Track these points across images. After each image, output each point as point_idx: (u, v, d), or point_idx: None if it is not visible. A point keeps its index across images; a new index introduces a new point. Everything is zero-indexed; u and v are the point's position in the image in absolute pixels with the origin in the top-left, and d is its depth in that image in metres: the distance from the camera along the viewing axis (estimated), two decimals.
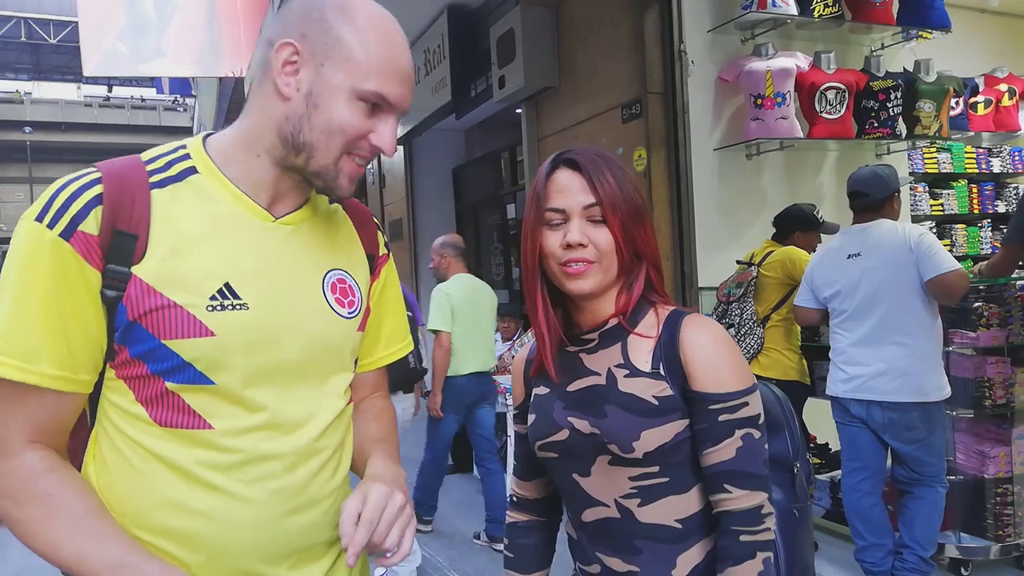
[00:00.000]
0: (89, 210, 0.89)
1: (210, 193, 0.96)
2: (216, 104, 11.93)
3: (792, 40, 4.31)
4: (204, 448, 0.93)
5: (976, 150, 5.39)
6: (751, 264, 3.61)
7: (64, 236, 0.87)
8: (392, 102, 0.96)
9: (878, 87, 4.24)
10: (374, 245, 1.15)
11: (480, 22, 6.02)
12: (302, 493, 0.98)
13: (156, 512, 0.92)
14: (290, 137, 0.95)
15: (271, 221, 0.99)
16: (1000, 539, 3.10)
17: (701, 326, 1.10)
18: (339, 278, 1.06)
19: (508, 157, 7.14)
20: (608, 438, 1.07)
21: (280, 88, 0.94)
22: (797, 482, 1.21)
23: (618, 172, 1.11)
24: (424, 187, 8.19)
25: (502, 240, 7.64)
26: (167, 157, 0.98)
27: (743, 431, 1.06)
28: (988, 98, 5.09)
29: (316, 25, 0.94)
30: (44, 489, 0.88)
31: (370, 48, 0.94)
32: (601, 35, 4.55)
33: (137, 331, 0.90)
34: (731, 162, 4.24)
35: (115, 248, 0.89)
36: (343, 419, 1.07)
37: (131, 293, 0.89)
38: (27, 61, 33.94)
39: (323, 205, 1.10)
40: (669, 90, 4.12)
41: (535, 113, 5.38)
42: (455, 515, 4.43)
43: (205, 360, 0.91)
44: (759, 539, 1.06)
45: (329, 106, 0.93)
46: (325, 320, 1.02)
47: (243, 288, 0.94)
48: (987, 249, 5.26)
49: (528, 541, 1.30)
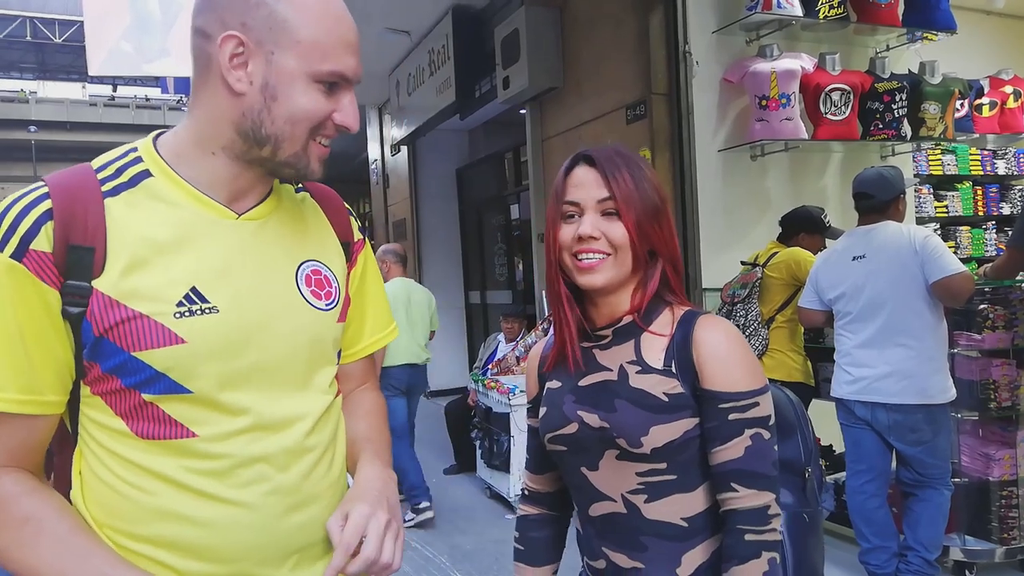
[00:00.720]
0: (39, 227, 0.85)
1: (167, 196, 0.92)
2: None
3: (797, 41, 4.31)
4: (190, 457, 0.90)
5: (981, 152, 5.38)
6: (755, 265, 3.60)
7: (16, 257, 0.84)
8: (349, 77, 0.94)
9: (883, 88, 4.23)
10: (347, 232, 1.11)
11: (485, 23, 6.02)
12: (298, 491, 0.96)
13: (150, 523, 0.90)
14: (251, 132, 0.92)
15: (234, 218, 0.96)
16: (1005, 542, 3.09)
17: (715, 326, 1.11)
18: (313, 269, 1.03)
19: (512, 158, 7.15)
20: (617, 432, 1.08)
21: (231, 84, 0.90)
22: (808, 487, 1.21)
23: (636, 170, 1.12)
24: (428, 187, 8.20)
25: (505, 241, 7.64)
26: (118, 163, 0.94)
27: (752, 431, 1.07)
28: (993, 100, 5.08)
29: (255, 10, 0.89)
30: (22, 512, 0.86)
31: (316, 26, 0.90)
32: (605, 36, 4.55)
33: (105, 345, 0.87)
34: (735, 163, 4.24)
35: (72, 264, 0.86)
36: (332, 414, 1.05)
37: (94, 308, 0.86)
38: (32, 60, 34.02)
39: (288, 195, 1.06)
40: (673, 91, 4.12)
41: (539, 114, 5.39)
42: (458, 515, 4.43)
43: (178, 369, 0.89)
44: (765, 539, 1.06)
45: (288, 95, 0.90)
46: (302, 315, 0.99)
47: (211, 291, 0.91)
48: (991, 251, 5.25)
49: (539, 534, 1.31)
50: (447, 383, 7.61)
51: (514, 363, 5.01)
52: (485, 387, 4.69)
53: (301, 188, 1.09)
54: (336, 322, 1.05)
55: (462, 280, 8.49)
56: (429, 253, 8.24)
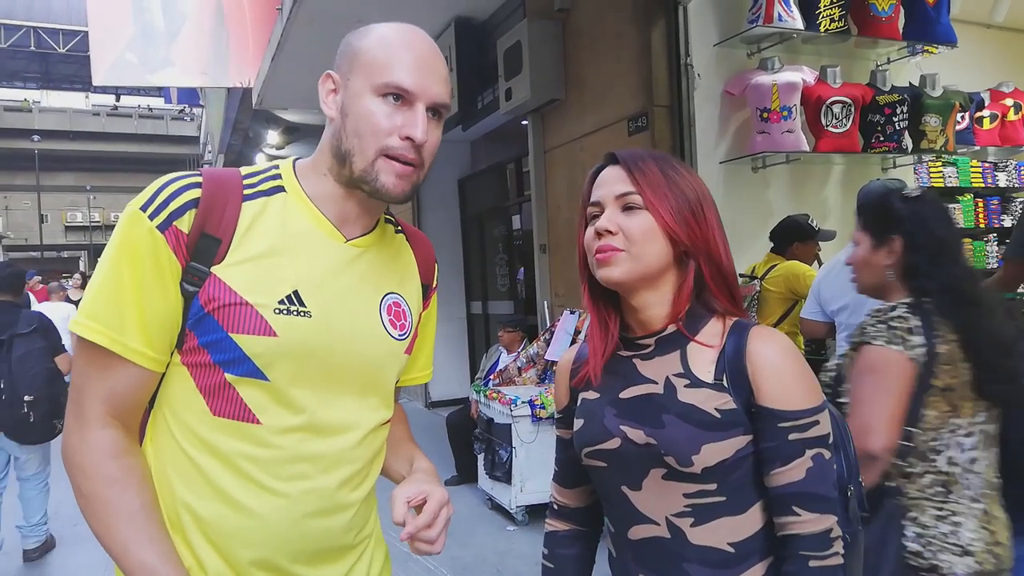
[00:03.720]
0: (186, 210, 0.98)
1: (292, 210, 1.05)
2: (223, 114, 11.99)
3: (798, 54, 4.33)
4: (250, 442, 1.00)
5: (982, 164, 5.39)
6: (754, 277, 3.61)
7: (161, 228, 0.96)
8: (410, 88, 1.00)
9: (884, 101, 4.25)
10: (430, 277, 1.24)
11: (487, 35, 6.05)
12: (331, 497, 1.04)
13: (196, 495, 1.00)
14: (338, 151, 1.04)
15: (343, 242, 1.08)
16: None
17: (771, 338, 1.05)
18: (395, 301, 1.14)
19: (514, 169, 7.16)
20: (665, 449, 1.02)
21: (327, 112, 1.05)
22: (851, 505, 1.13)
23: (667, 165, 1.08)
24: (430, 198, 8.22)
25: (507, 251, 7.65)
26: (262, 175, 1.08)
27: (814, 451, 1.02)
28: (994, 112, 5.10)
29: (344, 50, 1.05)
30: (112, 472, 0.97)
31: (381, 48, 1.02)
32: (607, 48, 4.57)
33: (208, 322, 0.98)
34: (737, 175, 4.25)
35: (200, 249, 0.98)
36: (379, 433, 1.14)
37: (208, 289, 0.98)
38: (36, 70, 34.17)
39: (390, 234, 1.18)
40: (675, 103, 4.13)
41: (541, 125, 5.40)
42: (459, 527, 4.41)
43: (264, 357, 0.99)
44: (828, 564, 1.00)
45: (356, 111, 1.01)
46: (378, 339, 1.10)
47: (309, 298, 1.02)
48: (993, 263, 5.25)
49: (569, 552, 1.24)
50: (448, 394, 7.60)
51: (516, 374, 5.01)
52: (487, 398, 4.69)
53: (400, 231, 1.22)
54: (404, 352, 1.15)
55: (464, 290, 8.49)
56: None
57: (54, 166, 33.42)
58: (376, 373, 1.11)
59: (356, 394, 1.08)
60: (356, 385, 1.08)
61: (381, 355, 1.11)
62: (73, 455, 0.98)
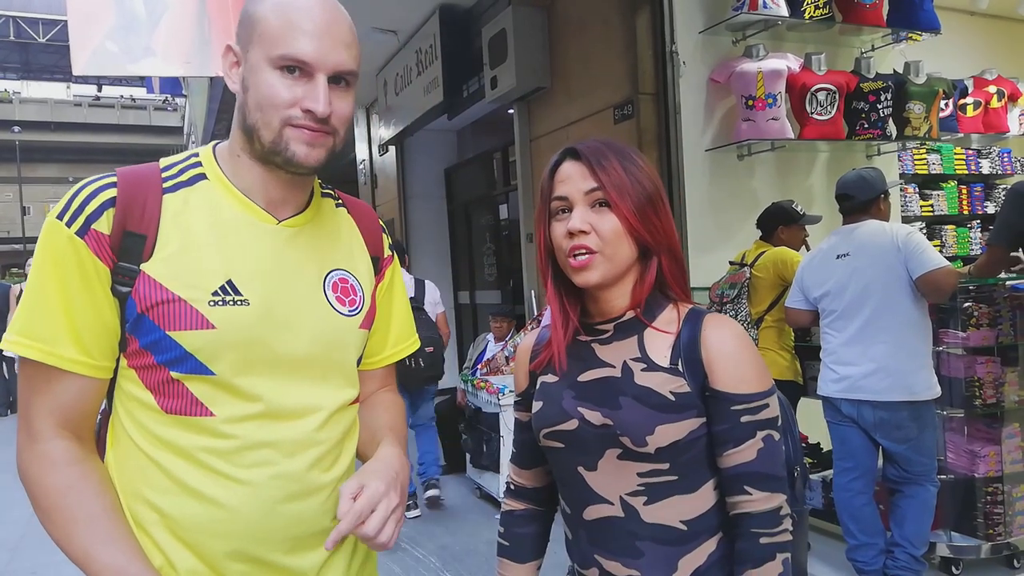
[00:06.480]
0: (102, 211, 0.95)
1: (216, 197, 1.02)
2: (207, 104, 11.87)
3: (783, 42, 4.33)
4: (206, 435, 0.98)
5: (966, 151, 5.43)
6: (743, 265, 3.62)
7: (79, 234, 0.94)
8: (308, 60, 0.96)
9: (868, 88, 4.27)
10: (378, 247, 1.20)
11: (472, 22, 6.01)
12: (300, 480, 1.02)
13: (161, 492, 0.98)
14: (244, 126, 1.01)
15: (275, 223, 1.05)
16: (990, 538, 3.12)
17: (724, 325, 1.09)
18: (341, 277, 1.11)
19: (500, 157, 7.14)
20: (621, 430, 1.05)
21: (231, 87, 1.02)
22: (796, 485, 1.21)
23: (626, 159, 1.09)
24: (416, 187, 8.18)
25: (494, 241, 7.64)
26: (181, 164, 1.05)
27: (764, 432, 1.06)
28: (977, 100, 5.13)
29: (242, 20, 1.01)
30: (66, 480, 0.95)
31: (277, 16, 0.97)
32: (592, 36, 4.55)
33: (145, 323, 0.96)
34: (722, 163, 4.26)
35: (125, 247, 0.96)
36: (346, 414, 1.11)
37: (139, 288, 0.96)
38: (16, 60, 33.71)
39: (328, 209, 1.14)
40: (661, 91, 4.13)
41: (527, 113, 5.39)
42: (447, 515, 4.43)
43: (206, 351, 0.97)
44: (778, 540, 1.05)
45: (256, 84, 0.98)
46: (325, 317, 1.07)
47: (245, 285, 0.99)
48: (977, 250, 5.30)
49: (525, 530, 1.29)
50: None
51: (503, 363, 5.01)
52: (474, 387, 4.69)
53: (341, 204, 1.18)
54: (358, 328, 1.12)
55: (451, 280, 8.48)
56: (418, 253, 8.22)
57: (36, 157, 33.05)
58: (330, 353, 1.08)
59: (315, 377, 1.05)
60: (313, 368, 1.05)
61: (331, 334, 1.07)
62: (27, 469, 0.96)
